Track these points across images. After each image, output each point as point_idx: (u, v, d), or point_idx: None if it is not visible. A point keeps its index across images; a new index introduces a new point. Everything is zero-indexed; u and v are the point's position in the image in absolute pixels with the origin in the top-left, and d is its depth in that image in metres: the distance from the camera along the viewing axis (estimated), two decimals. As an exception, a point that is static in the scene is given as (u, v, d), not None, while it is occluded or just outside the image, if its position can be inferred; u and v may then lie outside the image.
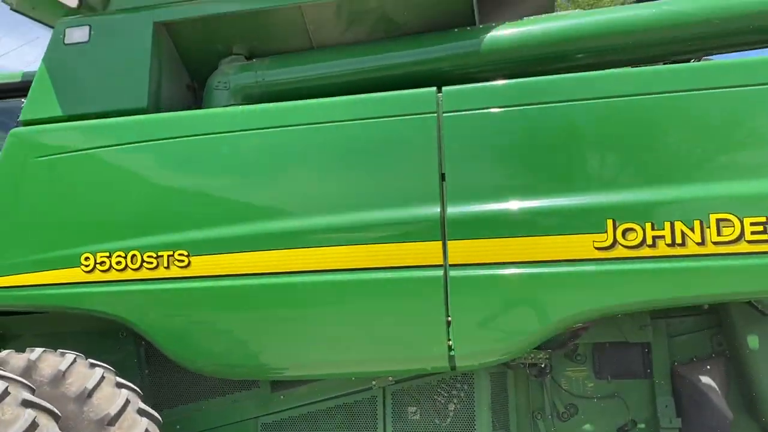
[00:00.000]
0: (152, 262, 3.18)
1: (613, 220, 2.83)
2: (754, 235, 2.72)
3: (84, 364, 3.01)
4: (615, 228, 2.82)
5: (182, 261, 3.15)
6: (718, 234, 2.74)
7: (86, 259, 3.25)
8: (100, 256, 3.24)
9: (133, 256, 3.20)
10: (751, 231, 2.72)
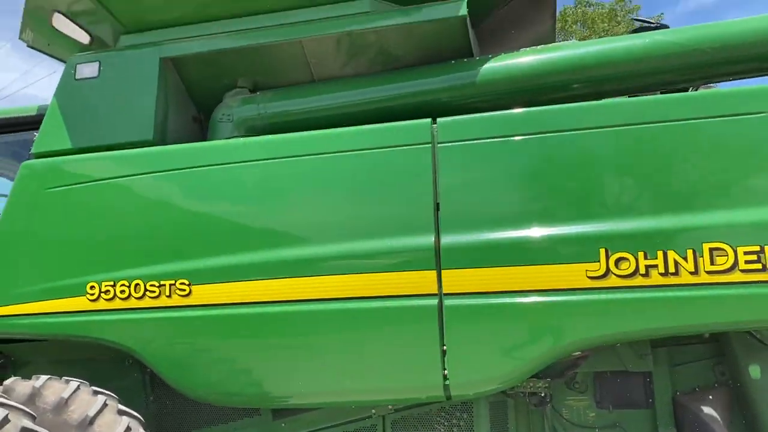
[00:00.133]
0: (155, 291, 3.24)
1: (606, 250, 2.83)
2: (747, 264, 2.70)
3: (87, 391, 3.07)
4: (608, 257, 2.82)
5: (183, 290, 3.21)
6: (712, 263, 2.73)
7: (92, 288, 3.31)
8: (105, 285, 3.30)
9: (136, 285, 3.26)
10: (745, 260, 2.71)
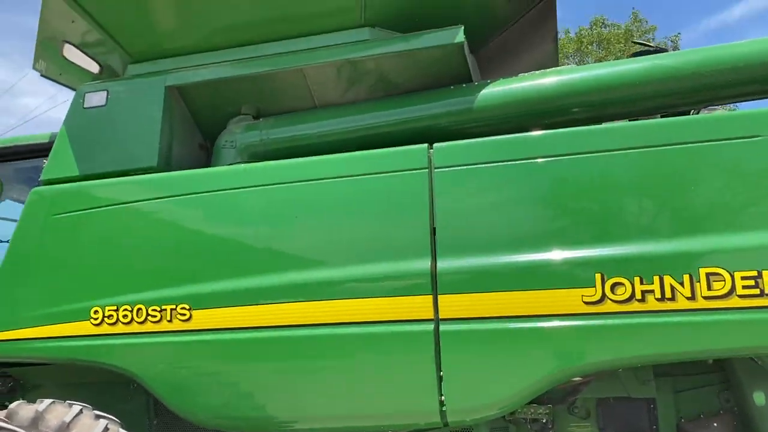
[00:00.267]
0: (156, 316, 3.28)
1: (601, 275, 2.81)
2: (745, 289, 2.67)
3: (89, 415, 3.10)
4: (603, 282, 2.80)
5: (184, 315, 3.24)
6: (709, 288, 2.70)
7: (95, 312, 3.36)
8: (108, 310, 3.35)
9: (138, 310, 3.31)
10: (743, 285, 2.67)
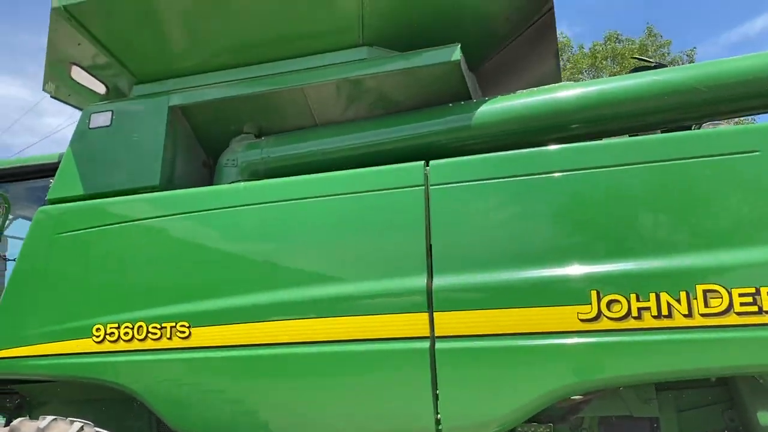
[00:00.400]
0: (156, 333, 3.31)
1: (597, 292, 2.79)
2: (743, 306, 2.63)
3: (90, 432, 3.15)
4: (599, 299, 2.78)
5: (183, 332, 3.27)
6: (706, 306, 2.66)
7: (97, 330, 3.41)
8: (110, 327, 3.39)
9: (139, 327, 3.34)
10: (740, 302, 2.63)
